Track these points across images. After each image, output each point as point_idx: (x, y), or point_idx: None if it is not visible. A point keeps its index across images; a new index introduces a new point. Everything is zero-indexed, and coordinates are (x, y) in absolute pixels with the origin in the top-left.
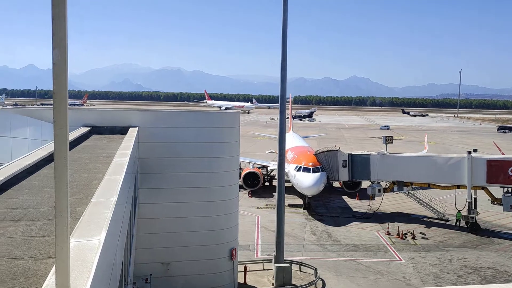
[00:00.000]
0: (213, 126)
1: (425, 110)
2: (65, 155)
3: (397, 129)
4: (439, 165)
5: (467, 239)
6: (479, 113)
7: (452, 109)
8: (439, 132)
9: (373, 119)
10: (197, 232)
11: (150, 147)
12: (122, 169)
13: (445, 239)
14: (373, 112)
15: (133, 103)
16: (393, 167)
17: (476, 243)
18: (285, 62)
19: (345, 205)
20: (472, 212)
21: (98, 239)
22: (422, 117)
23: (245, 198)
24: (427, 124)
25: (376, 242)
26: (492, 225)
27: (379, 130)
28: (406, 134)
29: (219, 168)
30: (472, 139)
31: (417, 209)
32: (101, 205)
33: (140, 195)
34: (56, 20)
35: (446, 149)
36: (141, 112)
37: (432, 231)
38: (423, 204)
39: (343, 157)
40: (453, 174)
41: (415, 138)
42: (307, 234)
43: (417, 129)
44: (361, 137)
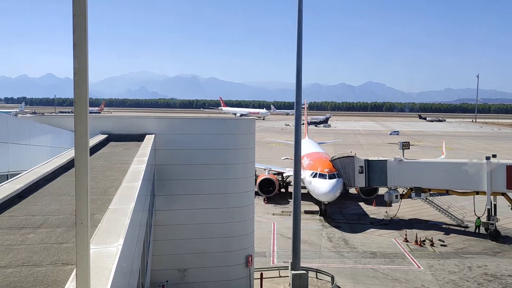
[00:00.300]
0: (228, 133)
1: (442, 115)
2: (85, 164)
3: (414, 135)
4: (457, 171)
5: (487, 246)
6: (498, 118)
7: (470, 114)
8: (457, 137)
9: (389, 124)
10: (213, 238)
11: (166, 154)
12: (139, 176)
13: (464, 246)
14: (389, 118)
15: (149, 111)
16: (410, 173)
17: (497, 250)
18: (300, 68)
19: (361, 212)
20: (492, 218)
21: (116, 246)
22: (439, 122)
23: (261, 204)
24: (444, 130)
25: (394, 249)
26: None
27: (395, 136)
28: (423, 139)
29: (235, 174)
30: (491, 144)
31: (435, 216)
32: (119, 212)
33: (157, 201)
34: (77, 30)
35: (465, 155)
36: (157, 119)
37: (451, 238)
38: (441, 210)
39: (359, 163)
40: (471, 180)
41: (433, 144)
42: (323, 241)
43: (434, 135)
44: (377, 143)
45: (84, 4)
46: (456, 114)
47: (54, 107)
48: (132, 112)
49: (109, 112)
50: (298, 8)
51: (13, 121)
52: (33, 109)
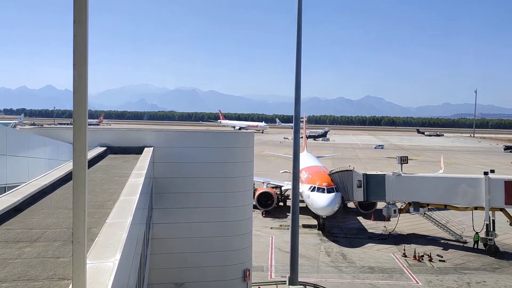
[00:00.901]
0: (227, 146)
1: (441, 130)
2: (83, 182)
3: (412, 149)
4: (456, 186)
5: (486, 262)
6: (496, 133)
7: (468, 129)
8: (455, 152)
9: (388, 138)
10: (210, 252)
11: (165, 167)
12: (137, 190)
13: (463, 261)
14: (387, 132)
15: (148, 123)
16: (408, 187)
17: (495, 266)
18: (299, 82)
19: (360, 226)
20: (490, 234)
21: (113, 261)
22: (438, 137)
23: (259, 218)
24: (442, 144)
25: (392, 264)
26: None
27: (394, 150)
28: (421, 154)
29: (233, 188)
30: (489, 159)
31: (434, 231)
32: (116, 226)
33: (154, 215)
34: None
35: (463, 170)
36: (156, 132)
37: (449, 253)
38: (440, 225)
39: (357, 177)
40: (470, 195)
41: (431, 158)
42: (321, 255)
43: (432, 149)
44: (376, 157)
45: (85, 17)
46: (454, 129)
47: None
48: (131, 125)
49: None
50: (297, 22)
51: (11, 132)
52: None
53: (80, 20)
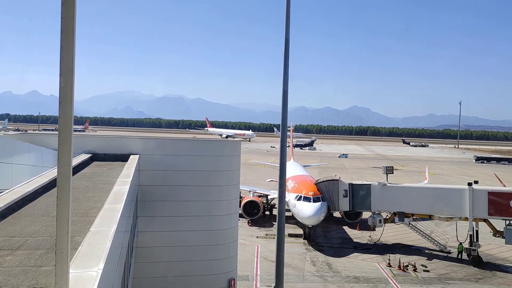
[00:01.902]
0: (213, 155)
1: (425, 141)
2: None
3: (398, 159)
4: (440, 197)
5: (469, 272)
6: (480, 144)
7: (453, 140)
8: (440, 162)
9: (374, 148)
10: (195, 261)
11: (151, 174)
12: (122, 198)
13: (447, 271)
14: (373, 142)
15: (135, 130)
16: (394, 197)
17: (479, 276)
18: (287, 91)
19: (345, 236)
20: (474, 244)
21: (96, 270)
22: (423, 148)
23: (245, 227)
24: (427, 155)
25: (377, 274)
26: (495, 258)
27: (380, 160)
28: (407, 164)
29: (219, 196)
30: (473, 170)
31: (418, 241)
32: (100, 234)
33: (139, 223)
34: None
35: (447, 180)
36: (142, 139)
37: (433, 263)
38: (424, 235)
39: (343, 186)
40: (454, 206)
41: (416, 169)
42: (307, 264)
43: (417, 160)
44: (361, 166)
45: (72, 22)
46: (439, 139)
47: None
48: (117, 131)
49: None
50: (285, 31)
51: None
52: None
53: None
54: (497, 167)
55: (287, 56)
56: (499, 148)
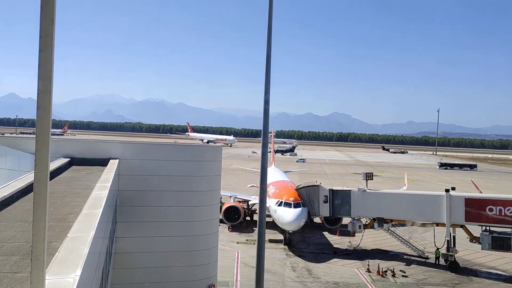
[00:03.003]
0: (194, 160)
1: (405, 147)
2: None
3: (377, 166)
4: (419, 203)
5: (447, 277)
6: (457, 151)
7: (431, 147)
8: (418, 169)
9: (354, 155)
10: (175, 267)
11: (130, 179)
12: (101, 203)
13: (424, 277)
14: (354, 148)
15: (115, 134)
16: (373, 203)
17: (456, 281)
18: (268, 97)
19: (325, 241)
20: (451, 250)
21: (73, 276)
22: (402, 154)
23: (226, 232)
24: (406, 161)
25: (356, 280)
26: (471, 264)
27: (360, 166)
28: (386, 170)
29: (200, 202)
30: (450, 176)
31: (397, 246)
32: (78, 240)
33: (118, 228)
34: (43, 52)
35: (426, 187)
36: (122, 144)
37: (412, 268)
38: (403, 241)
39: (324, 192)
40: (432, 212)
41: (395, 175)
42: (287, 270)
43: (396, 166)
44: (342, 172)
45: (52, 26)
46: (418, 146)
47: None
48: (96, 135)
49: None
50: (267, 37)
51: None
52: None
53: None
54: (460, 173)
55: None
56: (476, 155)
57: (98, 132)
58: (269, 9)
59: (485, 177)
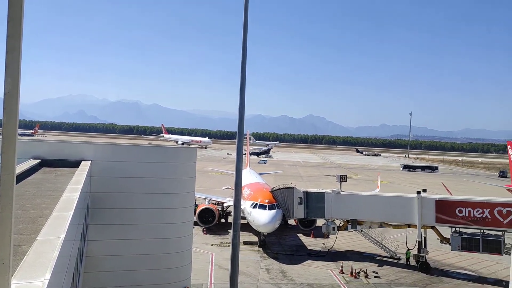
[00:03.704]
0: (168, 162)
1: (378, 150)
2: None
3: (351, 168)
4: (391, 205)
5: (418, 278)
6: (429, 154)
7: (403, 150)
8: (391, 171)
9: (329, 157)
10: (148, 270)
11: (103, 181)
12: (72, 205)
13: (396, 278)
14: (328, 151)
15: (87, 135)
16: (347, 205)
17: (426, 282)
18: (244, 98)
19: (300, 243)
20: (422, 251)
21: (42, 280)
22: (375, 157)
23: (200, 235)
24: (380, 164)
25: (330, 281)
26: (442, 264)
27: (334, 168)
28: (360, 172)
29: (173, 204)
30: (422, 179)
31: (370, 248)
32: (47, 243)
33: (90, 231)
34: (10, 53)
35: (398, 189)
36: (94, 145)
37: (384, 269)
38: (375, 242)
39: (298, 194)
40: (404, 214)
41: (368, 177)
42: (261, 272)
43: (370, 168)
44: (316, 174)
45: (19, 25)
46: (391, 149)
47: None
48: (68, 136)
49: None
50: (243, 39)
51: None
52: None
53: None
54: (432, 176)
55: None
56: (446, 158)
57: (70, 133)
58: (244, 11)
59: (455, 179)
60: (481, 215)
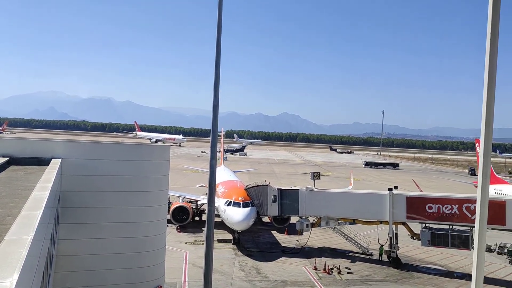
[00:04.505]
0: (141, 159)
1: (351, 148)
2: None
3: (325, 165)
4: (363, 201)
5: (389, 273)
6: (400, 152)
7: (376, 147)
8: (364, 169)
9: (303, 155)
10: (121, 269)
11: (74, 179)
12: (41, 204)
13: (368, 273)
14: (302, 148)
15: (58, 133)
16: (320, 202)
17: (398, 277)
18: (218, 96)
19: (274, 240)
20: (393, 247)
21: (10, 281)
22: (348, 154)
23: (174, 233)
24: (353, 161)
25: (304, 278)
26: (412, 260)
27: (308, 166)
28: (333, 170)
29: (146, 202)
30: (394, 176)
31: (343, 244)
32: (16, 243)
33: (60, 230)
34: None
35: (370, 186)
36: (65, 142)
37: (356, 265)
38: (348, 239)
39: (272, 192)
40: (376, 210)
41: (342, 174)
42: (235, 270)
43: (343, 166)
44: (291, 172)
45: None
46: (364, 146)
47: None
48: (38, 134)
49: (12, 132)
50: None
51: None
52: None
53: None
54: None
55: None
56: (417, 156)
57: (40, 131)
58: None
59: (427, 177)
60: (450, 211)
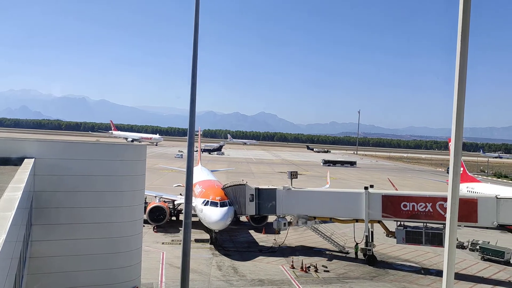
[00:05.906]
0: (116, 159)
1: (328, 147)
2: None
3: (302, 164)
4: (340, 200)
5: (365, 271)
6: (376, 151)
7: (352, 147)
8: (340, 168)
9: (280, 154)
10: (96, 270)
11: (48, 180)
12: (13, 205)
13: (345, 271)
14: (280, 148)
15: (31, 132)
16: (297, 201)
17: (373, 274)
18: (195, 95)
19: (251, 240)
20: (369, 245)
21: None
22: (325, 153)
23: (150, 233)
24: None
25: (281, 276)
26: (387, 257)
27: (286, 165)
28: (310, 169)
29: (122, 202)
30: (369, 175)
31: (320, 243)
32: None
33: (34, 231)
34: None
35: (347, 185)
36: (38, 142)
37: (333, 263)
38: (325, 237)
39: (250, 191)
40: (352, 209)
41: (319, 173)
42: (213, 269)
43: (320, 165)
44: (268, 171)
45: None
46: (340, 146)
47: None
48: (10, 133)
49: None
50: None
51: None
52: None
53: None
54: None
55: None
56: (393, 155)
57: (12, 130)
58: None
59: (401, 175)
60: (424, 209)
